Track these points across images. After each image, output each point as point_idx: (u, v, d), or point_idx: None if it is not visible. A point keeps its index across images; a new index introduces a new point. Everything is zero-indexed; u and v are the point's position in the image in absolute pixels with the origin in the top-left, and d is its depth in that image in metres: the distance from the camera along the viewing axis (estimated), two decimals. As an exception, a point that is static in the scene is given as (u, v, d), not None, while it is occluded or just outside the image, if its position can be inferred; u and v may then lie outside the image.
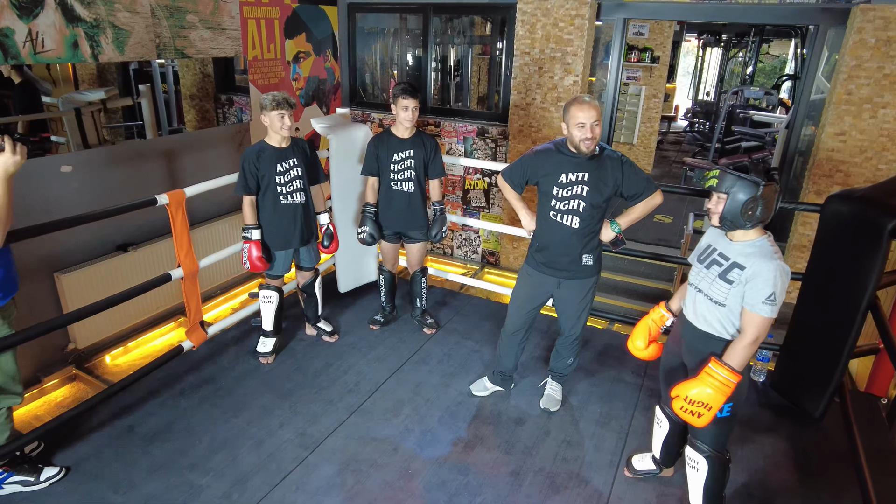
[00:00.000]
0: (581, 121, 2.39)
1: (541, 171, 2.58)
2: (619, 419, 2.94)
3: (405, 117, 3.15)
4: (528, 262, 2.78)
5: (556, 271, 2.67)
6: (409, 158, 3.26)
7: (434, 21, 5.42)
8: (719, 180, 1.95)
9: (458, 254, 5.77)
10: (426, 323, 3.69)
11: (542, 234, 2.67)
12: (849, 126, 4.02)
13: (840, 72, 3.96)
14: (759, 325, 1.90)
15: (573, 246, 2.61)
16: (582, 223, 2.56)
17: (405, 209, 3.35)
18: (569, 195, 2.53)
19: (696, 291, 2.12)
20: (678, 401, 1.99)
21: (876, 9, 3.75)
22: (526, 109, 4.91)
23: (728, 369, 1.92)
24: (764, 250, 1.93)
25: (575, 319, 2.80)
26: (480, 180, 5.37)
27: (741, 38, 10.51)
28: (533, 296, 2.79)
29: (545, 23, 4.63)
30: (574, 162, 2.51)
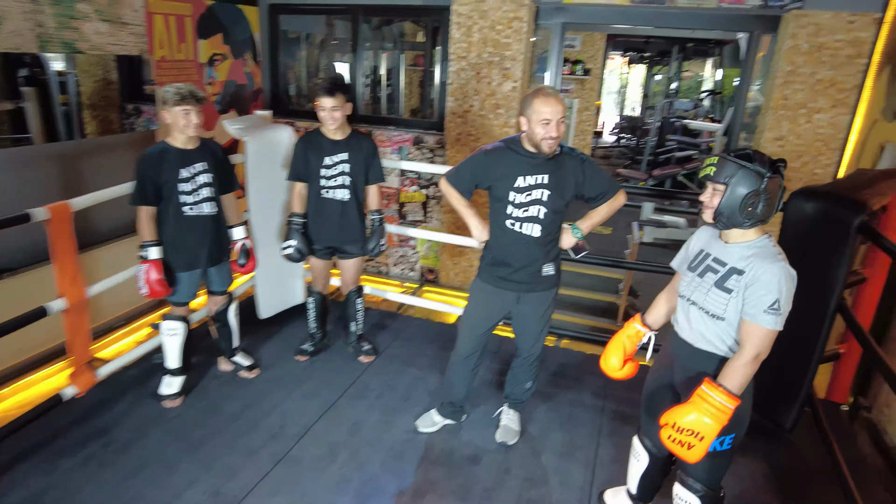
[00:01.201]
0: (546, 117, 2.10)
1: (493, 174, 2.27)
2: (585, 448, 2.64)
3: (324, 119, 2.77)
4: (481, 276, 2.46)
5: (515, 285, 2.36)
6: (343, 163, 2.88)
7: (363, 26, 5.08)
8: (717, 168, 1.65)
9: (395, 272, 5.38)
10: (362, 350, 3.28)
11: (497, 245, 2.36)
12: (786, 131, 4.00)
13: (776, 77, 3.94)
14: (761, 339, 1.62)
15: (534, 257, 2.32)
16: (543, 231, 2.28)
17: (339, 220, 2.95)
18: (528, 201, 2.24)
19: (690, 304, 1.82)
20: (666, 429, 1.68)
21: (808, 15, 3.75)
22: (463, 117, 4.63)
23: (724, 392, 1.63)
24: (766, 251, 1.66)
25: (535, 337, 2.50)
26: (417, 192, 5.03)
27: (663, 55, 10.85)
28: (489, 314, 2.47)
29: (482, 26, 4.39)
30: (532, 163, 2.22)
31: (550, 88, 2.14)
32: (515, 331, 2.54)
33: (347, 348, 3.33)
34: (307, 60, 6.14)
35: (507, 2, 4.28)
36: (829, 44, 3.74)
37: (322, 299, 3.21)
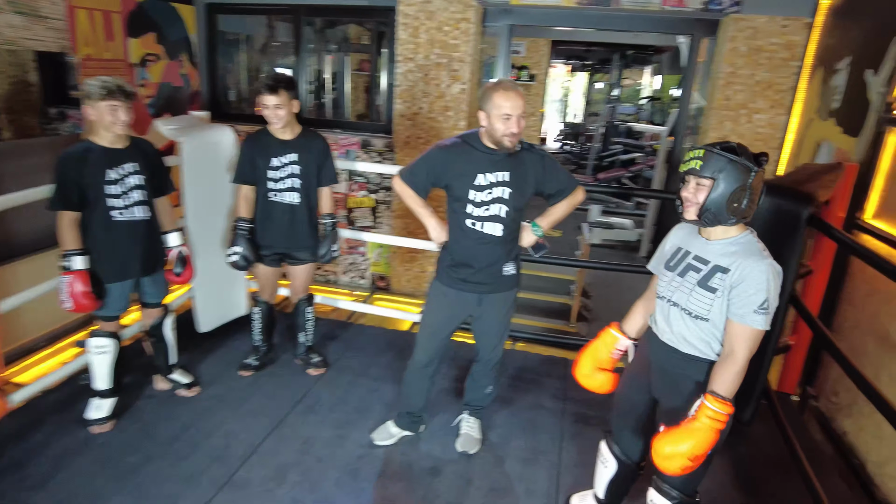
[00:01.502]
0: (507, 111, 2.00)
1: (451, 171, 2.16)
2: (548, 453, 2.57)
3: (268, 117, 2.61)
4: (440, 279, 2.34)
5: (477, 286, 2.27)
6: (293, 164, 2.71)
7: (306, 28, 4.92)
8: (704, 162, 1.54)
9: (344, 280, 5.20)
10: (312, 362, 3.09)
11: (458, 246, 2.25)
12: (729, 131, 4.10)
13: (717, 78, 4.03)
14: (751, 341, 1.54)
15: (496, 257, 2.23)
16: (505, 230, 2.19)
17: (288, 225, 2.78)
18: (489, 199, 2.14)
19: (670, 305, 1.71)
20: (676, 459, 1.53)
21: (745, 19, 3.86)
22: (412, 119, 4.53)
23: (724, 403, 1.53)
24: (750, 248, 1.59)
25: (497, 340, 2.41)
26: (366, 197, 4.88)
27: (604, 63, 11.13)
28: (450, 318, 2.36)
29: (429, 27, 4.31)
30: (492, 160, 2.12)
31: (510, 82, 2.07)
32: (476, 334, 2.44)
33: (295, 361, 3.14)
34: (248, 63, 5.91)
35: (454, 3, 4.23)
36: (766, 47, 3.86)
37: (269, 310, 3.02)
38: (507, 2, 4.26)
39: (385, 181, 4.77)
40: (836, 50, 3.38)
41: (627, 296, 4.78)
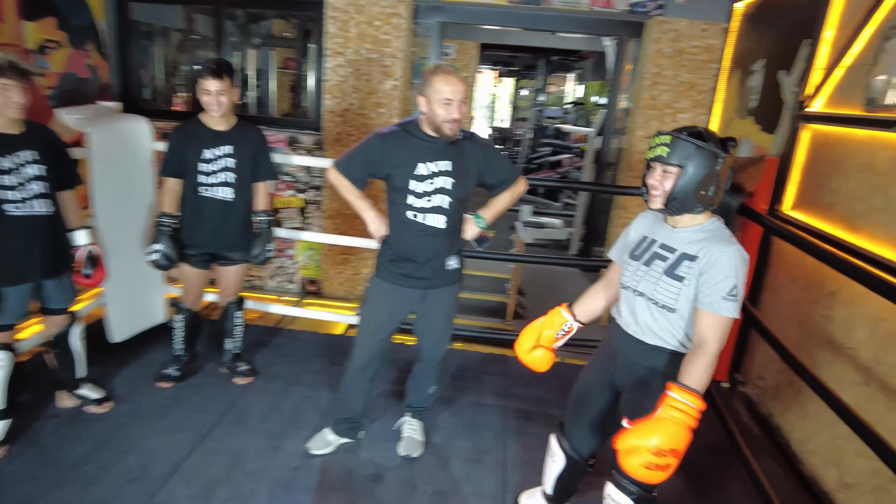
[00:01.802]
0: (447, 96, 1.91)
1: (390, 160, 2.06)
2: (492, 452, 2.50)
3: (209, 104, 2.42)
4: (380, 275, 2.23)
5: (420, 281, 2.18)
6: (227, 157, 2.52)
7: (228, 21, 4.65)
8: (671, 149, 1.49)
9: (271, 285, 4.94)
10: (239, 371, 2.88)
11: (399, 240, 2.15)
12: (655, 130, 4.23)
13: (644, 79, 4.16)
14: (723, 330, 1.47)
15: (439, 250, 2.15)
16: (448, 222, 2.11)
17: (220, 223, 2.59)
18: (431, 190, 2.06)
19: (636, 295, 1.65)
20: (641, 455, 1.41)
21: (669, 21, 4.01)
22: (343, 115, 4.38)
23: (695, 395, 1.44)
24: (718, 234, 1.54)
25: (440, 337, 2.33)
26: (294, 197, 4.67)
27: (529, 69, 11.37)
28: (391, 316, 2.26)
29: (359, 21, 4.19)
30: (432, 148, 2.04)
31: (450, 66, 1.99)
32: (418, 332, 2.34)
33: (221, 370, 2.92)
34: (164, 57, 5.53)
35: (384, -4, 4.13)
36: (688, 49, 4.02)
37: (192, 317, 2.79)
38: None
39: (315, 179, 4.58)
40: (752, 53, 3.56)
41: (560, 293, 4.88)
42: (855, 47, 2.53)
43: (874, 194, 2.30)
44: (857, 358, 2.28)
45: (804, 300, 2.68)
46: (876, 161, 2.32)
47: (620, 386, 1.75)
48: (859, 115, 2.42)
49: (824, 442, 2.44)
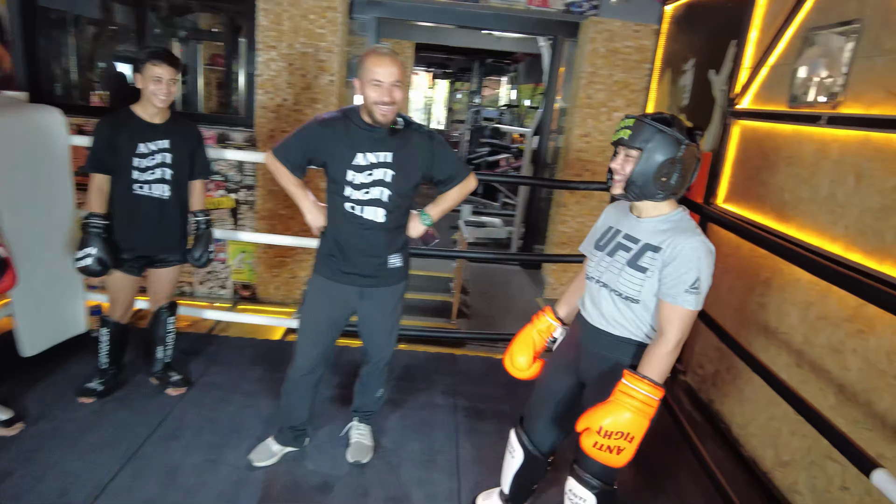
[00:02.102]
0: (378, 77, 1.80)
1: (328, 149, 1.95)
2: (445, 453, 2.44)
3: (156, 93, 2.25)
4: (318, 271, 2.12)
5: (358, 278, 2.07)
6: (164, 152, 2.35)
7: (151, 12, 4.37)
8: (633, 132, 1.47)
9: (201, 291, 4.68)
10: (171, 381, 2.67)
11: (337, 232, 2.04)
12: (591, 128, 4.33)
13: (580, 78, 4.24)
14: (683, 322, 1.46)
15: (378, 245, 2.05)
16: (388, 216, 2.01)
17: (157, 223, 2.41)
18: (369, 181, 1.95)
19: (600, 286, 1.63)
20: (590, 436, 1.45)
21: (603, 22, 4.11)
22: (276, 111, 4.21)
23: (649, 384, 1.44)
24: (682, 225, 1.51)
25: (385, 338, 2.24)
26: (225, 197, 4.44)
27: (464, 71, 11.45)
28: (332, 314, 2.13)
29: (293, 14, 4.03)
30: (373, 138, 1.93)
31: (386, 47, 1.90)
32: (362, 334, 2.24)
33: (151, 381, 2.70)
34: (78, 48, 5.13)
35: (319, -11, 4.00)
36: (622, 49, 4.14)
37: (121, 330, 2.57)
38: (375, -7, 4.13)
39: (247, 178, 4.37)
40: (682, 53, 3.69)
41: (503, 290, 4.91)
42: (778, 48, 2.66)
43: (801, 186, 2.42)
44: (791, 342, 2.39)
45: (739, 288, 2.79)
46: (801, 154, 2.44)
47: (585, 379, 1.72)
48: (784, 110, 2.55)
49: (761, 424, 2.54)
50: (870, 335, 1.99)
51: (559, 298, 1.95)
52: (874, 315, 1.98)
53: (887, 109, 2.02)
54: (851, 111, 2.17)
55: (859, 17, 2.19)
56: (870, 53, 2.13)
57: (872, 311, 1.99)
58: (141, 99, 2.31)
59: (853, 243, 2.10)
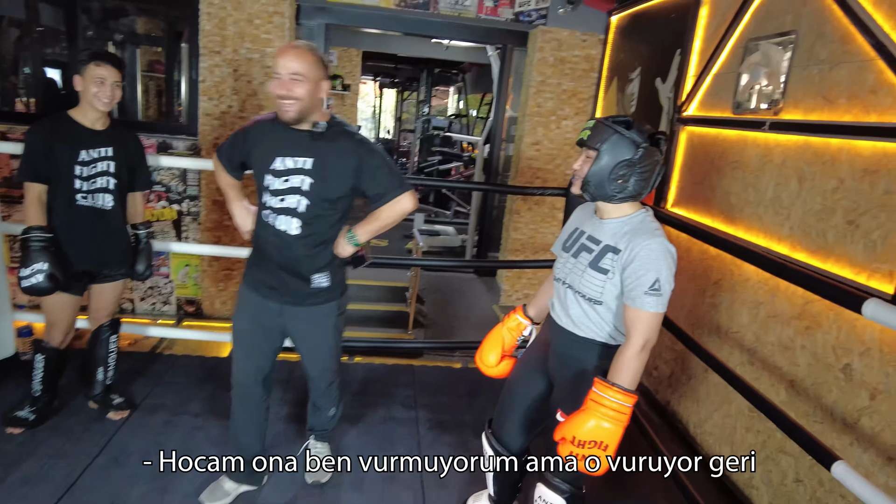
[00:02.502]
0: (277, 69, 1.71)
1: (253, 150, 1.86)
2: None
3: (98, 97, 2.11)
4: (244, 279, 2.01)
5: (277, 293, 1.93)
6: (107, 160, 2.22)
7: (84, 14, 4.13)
8: (592, 133, 1.50)
9: (143, 308, 4.44)
10: (113, 404, 2.50)
11: (258, 241, 1.95)
12: (541, 136, 4.38)
13: (529, 87, 4.29)
14: (646, 325, 1.45)
15: (294, 261, 1.88)
16: (304, 228, 1.83)
17: (101, 235, 2.26)
18: (285, 188, 1.81)
19: (566, 287, 1.63)
20: (565, 446, 1.47)
21: (551, 31, 4.18)
22: (221, 119, 4.06)
23: (619, 391, 1.43)
24: (643, 227, 1.52)
25: (321, 361, 2.10)
26: (167, 209, 4.24)
27: (412, 81, 11.45)
28: (259, 328, 1.98)
29: (237, 18, 3.91)
30: (294, 141, 1.78)
31: (303, 42, 1.79)
32: (299, 354, 2.11)
33: (90, 405, 2.51)
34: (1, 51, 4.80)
35: (264, -6, 3.89)
36: (570, 58, 4.21)
37: (57, 355, 2.37)
38: None
39: (191, 188, 4.19)
40: (628, 62, 3.79)
41: (459, 299, 4.88)
42: (721, 57, 2.76)
43: (747, 189, 2.50)
44: (742, 340, 2.46)
45: (691, 290, 2.86)
46: (747, 159, 2.53)
47: (553, 379, 1.72)
48: (729, 117, 2.64)
49: (716, 423, 2.60)
50: (817, 331, 2.07)
51: (531, 298, 1.95)
52: (820, 312, 2.06)
53: (824, 115, 2.12)
54: (792, 117, 2.27)
55: (795, 28, 2.30)
56: (806, 63, 2.23)
57: (818, 308, 2.07)
58: (81, 103, 2.17)
59: (798, 243, 2.18)
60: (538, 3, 4.14)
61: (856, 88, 2.01)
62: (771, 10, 2.46)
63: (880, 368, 1.82)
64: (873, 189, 1.90)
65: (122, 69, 2.18)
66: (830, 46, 2.12)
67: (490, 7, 4.12)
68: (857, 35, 2.01)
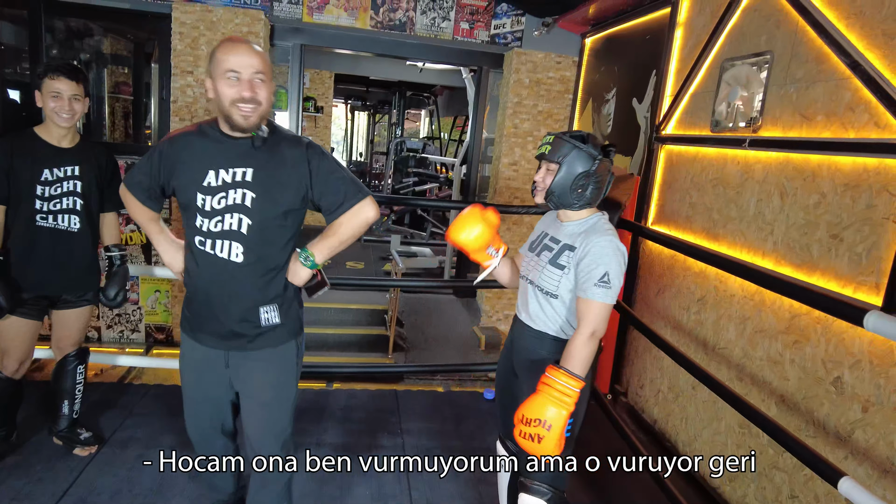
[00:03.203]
0: (231, 67, 1.44)
1: (177, 168, 1.55)
2: (397, 497, 2.28)
3: (57, 111, 2.01)
4: (181, 323, 1.70)
5: (218, 340, 1.61)
6: (73, 179, 2.11)
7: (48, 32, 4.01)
8: (552, 148, 1.64)
9: (110, 336, 4.25)
10: (80, 440, 2.35)
11: (190, 277, 1.63)
12: (518, 156, 4.40)
13: (506, 108, 4.32)
14: (595, 315, 1.56)
15: (241, 294, 1.58)
16: (249, 255, 1.55)
17: (65, 258, 2.14)
18: (221, 207, 1.52)
19: (528, 283, 1.77)
20: (517, 426, 1.54)
21: (526, 53, 4.22)
22: (194, 141, 3.96)
23: (566, 374, 1.52)
24: (596, 227, 1.67)
25: (271, 421, 1.69)
26: (135, 232, 4.09)
27: (383, 104, 11.48)
28: (203, 380, 1.69)
29: (211, 38, 3.84)
30: (231, 151, 1.52)
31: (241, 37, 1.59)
32: (242, 415, 1.72)
33: (55, 440, 2.35)
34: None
35: (238, 14, 3.85)
36: (545, 80, 4.26)
37: (13, 386, 2.22)
38: (298, 18, 4.02)
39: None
40: (604, 83, 3.85)
41: (439, 320, 4.81)
42: (697, 77, 2.81)
43: (729, 205, 2.53)
44: (730, 356, 2.46)
45: (674, 307, 2.87)
46: (727, 175, 2.56)
47: (518, 371, 1.82)
48: (709, 135, 2.68)
49: (706, 440, 2.59)
50: (805, 345, 2.08)
51: None
52: (807, 325, 2.08)
53: (803, 132, 2.17)
54: (771, 134, 2.31)
55: (770, 49, 2.36)
56: (782, 82, 2.28)
57: (806, 322, 2.09)
58: (45, 120, 2.07)
59: (783, 258, 2.20)
60: (513, 25, 4.19)
61: (833, 106, 2.06)
62: (745, 31, 2.52)
63: (871, 380, 1.83)
64: (855, 203, 1.93)
65: (82, 81, 2.06)
66: (806, 66, 2.18)
67: (466, 29, 4.15)
68: (831, 55, 2.06)
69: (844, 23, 2.03)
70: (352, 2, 4.00)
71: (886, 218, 1.82)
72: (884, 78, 1.87)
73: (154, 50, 4.46)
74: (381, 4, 4.03)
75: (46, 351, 2.87)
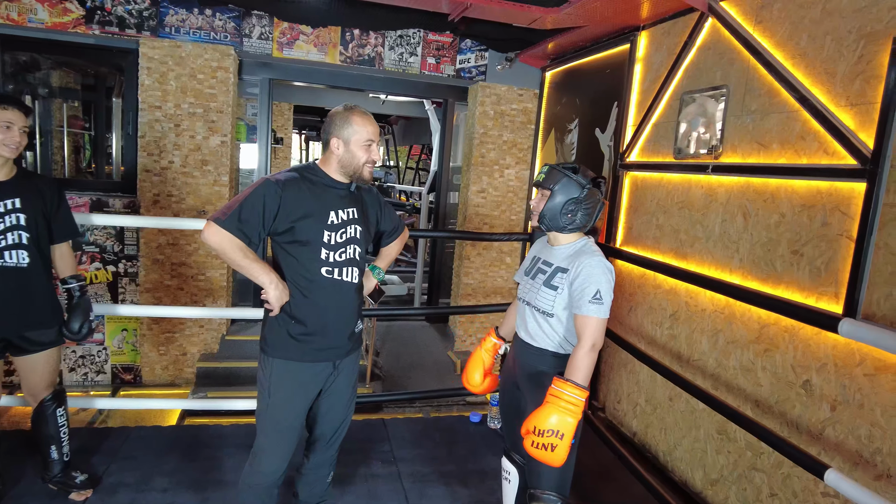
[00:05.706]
0: (370, 137, 1.81)
1: (296, 210, 1.75)
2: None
3: (7, 141, 1.98)
4: (287, 355, 1.83)
5: (334, 352, 1.89)
6: (15, 212, 2.04)
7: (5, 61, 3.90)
8: (546, 176, 1.84)
9: (73, 379, 4.07)
10: (76, 483, 2.25)
11: (307, 304, 1.81)
12: (486, 185, 4.56)
13: (473, 138, 4.48)
14: (592, 329, 1.71)
15: (353, 309, 1.93)
16: (360, 275, 1.93)
17: (18, 297, 2.06)
18: (343, 241, 1.83)
19: (525, 305, 1.92)
20: (528, 437, 1.66)
21: (490, 87, 4.42)
22: (161, 175, 3.91)
23: (572, 385, 1.66)
24: (585, 249, 1.83)
25: (347, 411, 2.04)
26: (101, 270, 3.97)
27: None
28: (306, 405, 1.90)
29: (179, 73, 3.84)
30: (340, 195, 1.85)
31: (361, 107, 1.89)
32: (321, 412, 1.96)
33: (50, 486, 2.25)
34: None
35: (208, 49, 3.87)
36: (508, 112, 4.46)
37: None
38: (268, 54, 4.08)
39: (129, 248, 3.97)
40: (565, 114, 4.07)
41: (413, 348, 4.85)
42: (658, 108, 3.04)
43: (695, 226, 2.73)
44: (704, 367, 2.63)
45: (647, 324, 3.04)
46: (692, 199, 2.77)
47: (522, 388, 1.93)
48: (673, 161, 2.89)
49: (686, 448, 2.73)
50: (775, 352, 2.27)
51: (501, 321, 2.19)
52: (776, 334, 2.27)
53: (761, 158, 2.39)
54: (731, 160, 2.53)
55: (725, 83, 2.60)
56: (739, 113, 2.52)
57: (774, 331, 2.28)
58: None
59: (749, 273, 2.40)
60: (477, 60, 4.38)
61: (786, 135, 2.29)
62: (701, 67, 2.77)
63: (837, 381, 2.02)
64: (812, 222, 2.15)
65: (28, 113, 2.05)
66: (759, 99, 2.42)
67: (433, 64, 4.31)
68: (781, 90, 2.30)
69: (791, 62, 2.28)
70: (321, 38, 4.10)
71: (840, 234, 2.04)
72: (829, 111, 2.10)
73: (116, 85, 4.40)
74: (349, 40, 4.15)
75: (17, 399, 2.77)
